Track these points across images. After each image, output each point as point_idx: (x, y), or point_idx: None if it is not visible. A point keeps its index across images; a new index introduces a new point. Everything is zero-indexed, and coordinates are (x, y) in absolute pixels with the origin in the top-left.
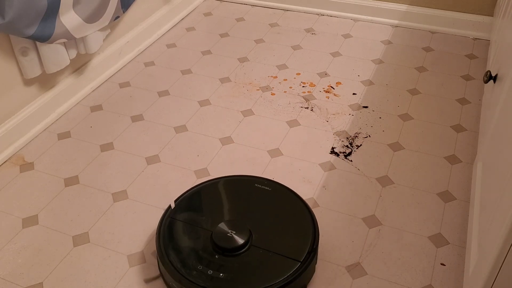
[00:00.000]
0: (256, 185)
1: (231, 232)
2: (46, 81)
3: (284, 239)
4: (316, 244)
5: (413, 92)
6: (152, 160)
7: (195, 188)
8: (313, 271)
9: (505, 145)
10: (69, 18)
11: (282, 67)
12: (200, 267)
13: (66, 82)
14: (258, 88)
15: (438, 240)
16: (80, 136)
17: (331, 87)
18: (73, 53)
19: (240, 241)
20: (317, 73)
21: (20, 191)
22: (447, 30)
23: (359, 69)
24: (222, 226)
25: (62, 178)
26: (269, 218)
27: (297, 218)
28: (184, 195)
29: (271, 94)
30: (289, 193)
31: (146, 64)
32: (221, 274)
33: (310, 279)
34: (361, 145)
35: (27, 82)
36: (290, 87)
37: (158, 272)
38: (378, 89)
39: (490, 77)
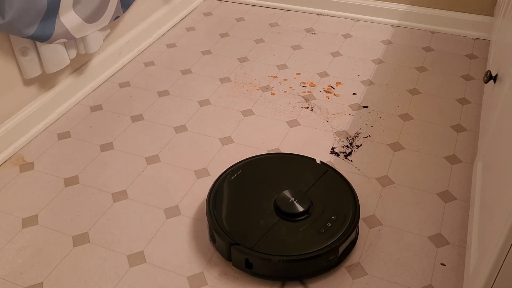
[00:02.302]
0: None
1: (293, 199)
2: (46, 81)
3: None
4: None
5: (413, 92)
6: (152, 160)
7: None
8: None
9: (505, 145)
10: (69, 18)
11: (282, 67)
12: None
13: (66, 82)
14: (258, 88)
15: (438, 240)
16: (80, 136)
17: (331, 87)
18: (73, 53)
19: (301, 208)
20: (317, 73)
21: (20, 191)
22: (447, 30)
23: (359, 69)
24: (286, 193)
25: (62, 178)
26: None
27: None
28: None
29: (271, 94)
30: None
31: (146, 64)
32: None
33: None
34: (361, 145)
35: (27, 82)
36: (290, 87)
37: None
38: (378, 89)
39: (490, 77)
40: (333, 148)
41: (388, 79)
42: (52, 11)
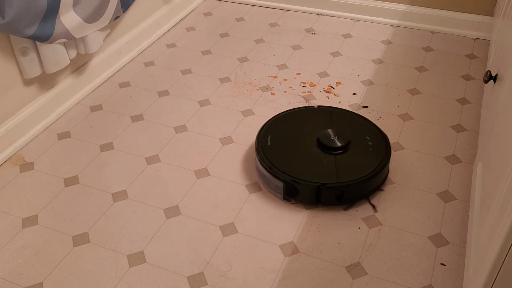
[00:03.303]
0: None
1: (334, 137)
2: (46, 81)
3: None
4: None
5: (413, 92)
6: (152, 160)
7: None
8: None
9: (505, 145)
10: (69, 18)
11: (282, 67)
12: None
13: (66, 82)
14: (258, 88)
15: (438, 240)
16: (80, 136)
17: (331, 87)
18: (73, 53)
19: (342, 143)
20: (317, 73)
21: (20, 191)
22: (447, 30)
23: (359, 69)
24: (327, 132)
25: (62, 178)
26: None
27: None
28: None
29: (271, 94)
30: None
31: (146, 64)
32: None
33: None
34: None
35: (27, 82)
36: (290, 87)
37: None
38: (378, 89)
39: (490, 77)
40: None
41: (388, 79)
42: (52, 11)
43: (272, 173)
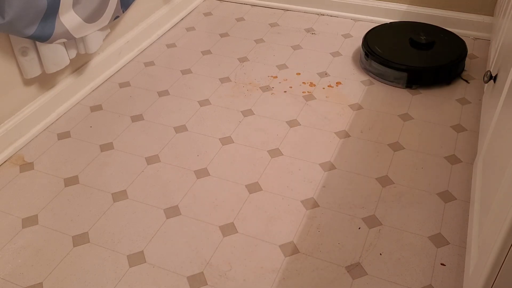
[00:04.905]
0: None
1: (423, 37)
2: (46, 81)
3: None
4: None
5: (413, 92)
6: (152, 160)
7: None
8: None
9: (505, 145)
10: (69, 18)
11: (282, 67)
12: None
13: (66, 82)
14: (258, 88)
15: (438, 240)
16: (80, 136)
17: (331, 87)
18: (73, 53)
19: (430, 40)
20: (317, 73)
21: (20, 191)
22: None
23: (359, 69)
24: (418, 34)
25: (62, 178)
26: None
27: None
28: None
29: (271, 94)
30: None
31: (146, 64)
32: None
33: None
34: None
35: (27, 82)
36: (290, 87)
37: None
38: (378, 89)
39: (490, 77)
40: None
41: None
42: (52, 11)
43: (394, 67)
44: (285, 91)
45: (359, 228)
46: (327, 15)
